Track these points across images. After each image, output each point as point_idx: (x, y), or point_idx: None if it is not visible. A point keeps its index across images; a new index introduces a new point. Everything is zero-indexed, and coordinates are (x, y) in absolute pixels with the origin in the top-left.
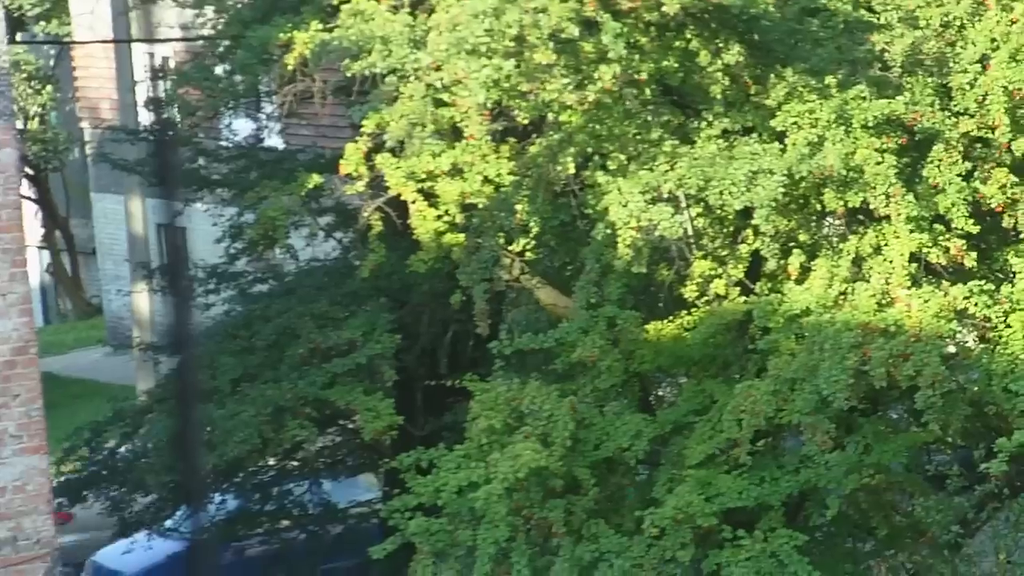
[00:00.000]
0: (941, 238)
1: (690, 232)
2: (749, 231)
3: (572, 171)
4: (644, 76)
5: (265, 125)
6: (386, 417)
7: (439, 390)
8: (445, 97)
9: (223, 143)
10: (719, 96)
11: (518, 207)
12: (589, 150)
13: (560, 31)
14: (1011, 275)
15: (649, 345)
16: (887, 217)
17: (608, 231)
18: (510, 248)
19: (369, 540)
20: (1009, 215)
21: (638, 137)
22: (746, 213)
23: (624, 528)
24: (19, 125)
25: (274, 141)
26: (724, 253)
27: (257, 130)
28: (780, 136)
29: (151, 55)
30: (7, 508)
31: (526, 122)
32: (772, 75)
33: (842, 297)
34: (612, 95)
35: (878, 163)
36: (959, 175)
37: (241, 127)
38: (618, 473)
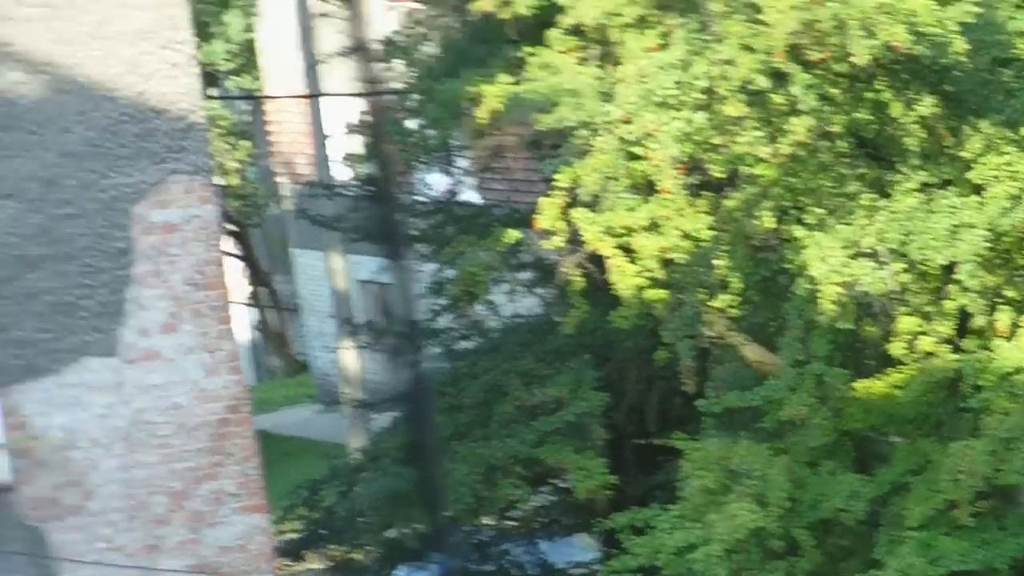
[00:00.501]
0: None
1: (894, 287)
2: (953, 286)
3: (769, 225)
4: (837, 128)
5: (459, 179)
6: (598, 476)
7: (649, 448)
8: (637, 150)
9: (419, 198)
10: (915, 148)
11: (717, 262)
12: (786, 203)
13: (749, 83)
14: None
15: (858, 403)
16: None
17: (809, 286)
18: (712, 304)
19: None
20: None
21: (834, 190)
22: (949, 268)
23: None
24: (218, 181)
25: (469, 195)
26: (930, 309)
27: (452, 184)
28: (978, 189)
29: (345, 109)
30: (229, 567)
31: (720, 176)
32: (966, 127)
33: None
34: (806, 148)
35: None
36: None
37: (436, 181)
38: (835, 534)
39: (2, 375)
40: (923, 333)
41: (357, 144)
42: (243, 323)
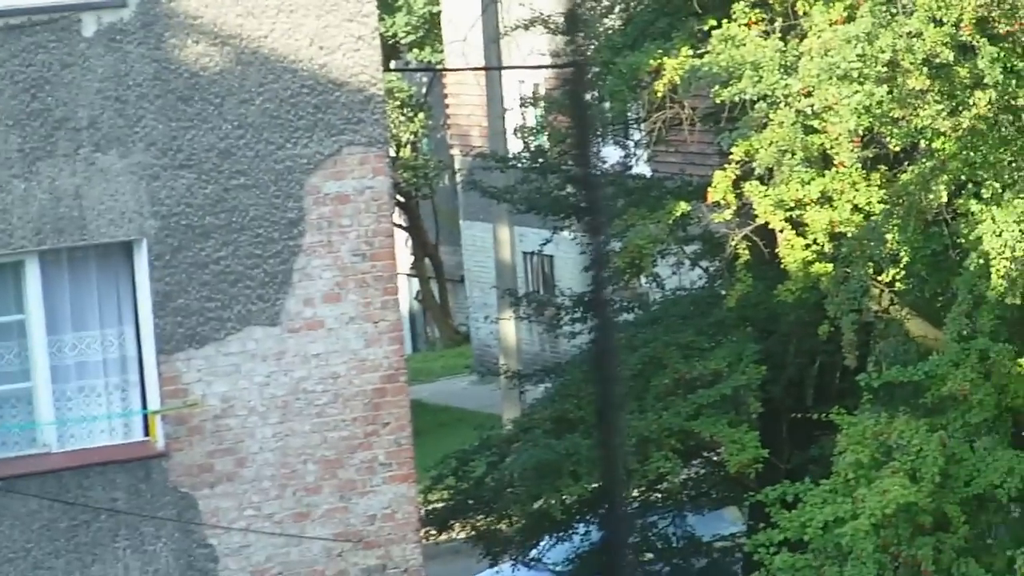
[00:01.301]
0: None
1: None
2: None
3: (944, 199)
4: (1021, 102)
5: (633, 152)
6: (751, 450)
7: (805, 423)
8: (815, 124)
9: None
10: None
11: (888, 236)
12: (963, 178)
13: (935, 56)
14: None
15: (1023, 380)
16: None
17: (981, 261)
18: (879, 278)
19: (733, 575)
20: None
21: (1013, 164)
22: None
23: (995, 568)
24: (391, 152)
25: (641, 168)
26: None
27: (625, 157)
28: None
29: (521, 82)
30: (376, 536)
31: (897, 149)
32: None
33: None
34: (987, 121)
35: None
36: None
37: (609, 154)
38: (989, 511)
39: (164, 343)
40: None
41: (533, 117)
42: (404, 294)
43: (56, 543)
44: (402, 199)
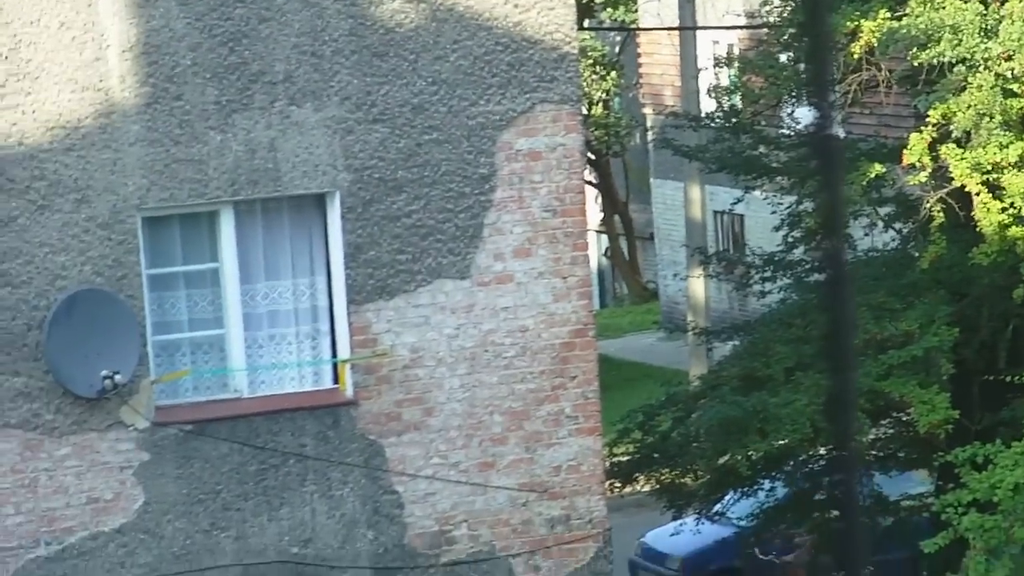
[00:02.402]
0: None
1: None
2: None
3: None
4: None
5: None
6: (941, 411)
7: (997, 385)
8: (1015, 88)
9: (784, 131)
10: None
11: None
12: None
13: None
14: None
15: None
16: None
17: None
18: None
19: (920, 534)
20: None
21: None
22: None
23: None
24: (583, 111)
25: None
26: None
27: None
28: None
29: (716, 42)
30: (561, 487)
31: None
32: None
33: None
34: None
35: None
36: None
37: (803, 116)
38: None
39: (355, 294)
40: None
41: (727, 78)
42: (593, 250)
43: (245, 486)
44: (593, 157)
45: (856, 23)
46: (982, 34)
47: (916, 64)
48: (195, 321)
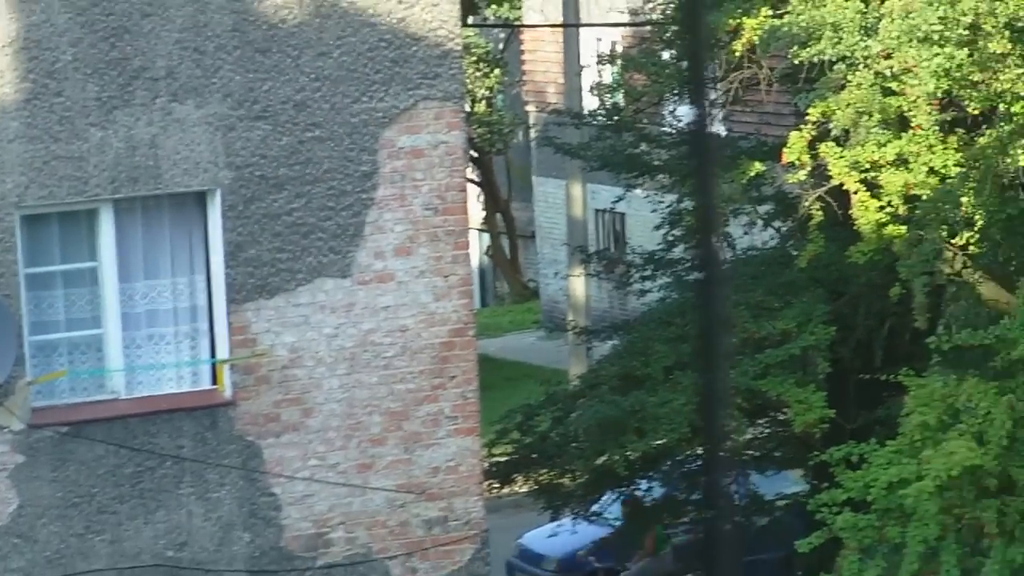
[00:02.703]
0: None
1: None
2: None
3: (1022, 163)
4: None
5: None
6: (817, 410)
7: (872, 384)
8: (894, 86)
9: (666, 129)
10: None
11: (963, 199)
12: None
13: (1017, 20)
14: None
15: None
16: None
17: None
18: (953, 241)
19: (794, 534)
20: None
21: None
22: None
23: None
24: (467, 108)
25: (717, 128)
26: None
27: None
28: None
29: (599, 40)
30: (439, 488)
31: (976, 113)
32: None
33: None
34: None
35: None
36: None
37: (684, 114)
38: None
39: (234, 293)
40: None
41: (610, 75)
42: (474, 249)
43: (121, 488)
44: (476, 154)
45: (738, 21)
46: (862, 32)
47: (797, 62)
48: (73, 321)
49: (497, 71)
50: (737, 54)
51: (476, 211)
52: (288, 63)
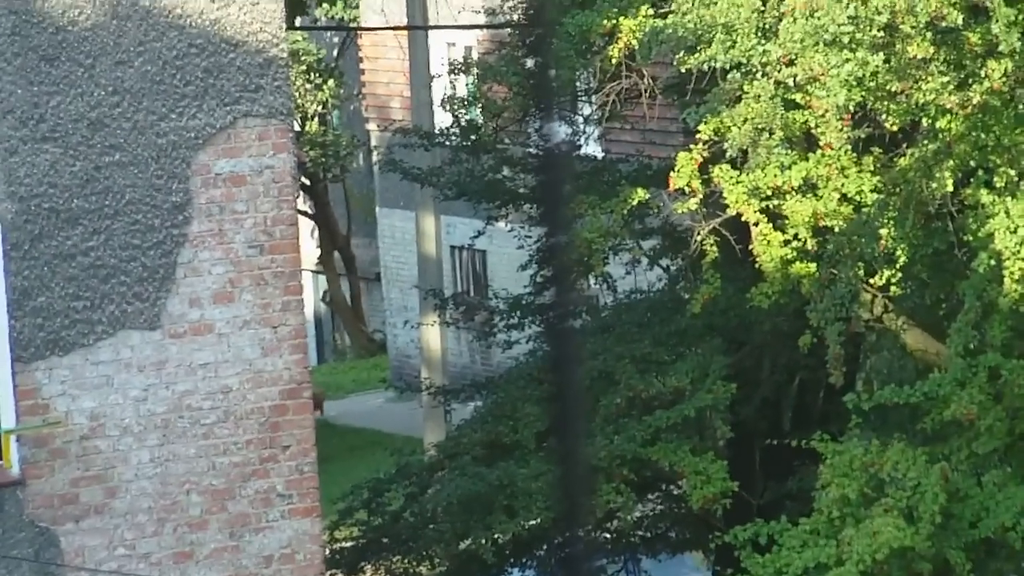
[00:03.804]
0: None
1: None
2: None
3: (950, 189)
4: None
5: (582, 130)
6: (717, 482)
7: (781, 450)
8: (798, 98)
9: (531, 150)
10: None
11: (882, 231)
12: (971, 163)
13: (940, 19)
14: None
15: None
16: None
17: (992, 262)
18: (871, 281)
19: None
20: None
21: None
22: None
23: None
24: (296, 126)
25: (592, 148)
26: None
27: (573, 135)
28: None
29: (451, 45)
30: None
31: (895, 129)
32: None
33: None
34: (1001, 97)
35: None
36: None
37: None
38: (999, 557)
39: (21, 350)
40: None
41: (465, 86)
42: (309, 294)
43: None
44: (308, 182)
45: (614, 22)
46: (759, 35)
47: (684, 70)
48: None
49: (331, 82)
50: (614, 61)
51: (310, 249)
52: (80, 73)
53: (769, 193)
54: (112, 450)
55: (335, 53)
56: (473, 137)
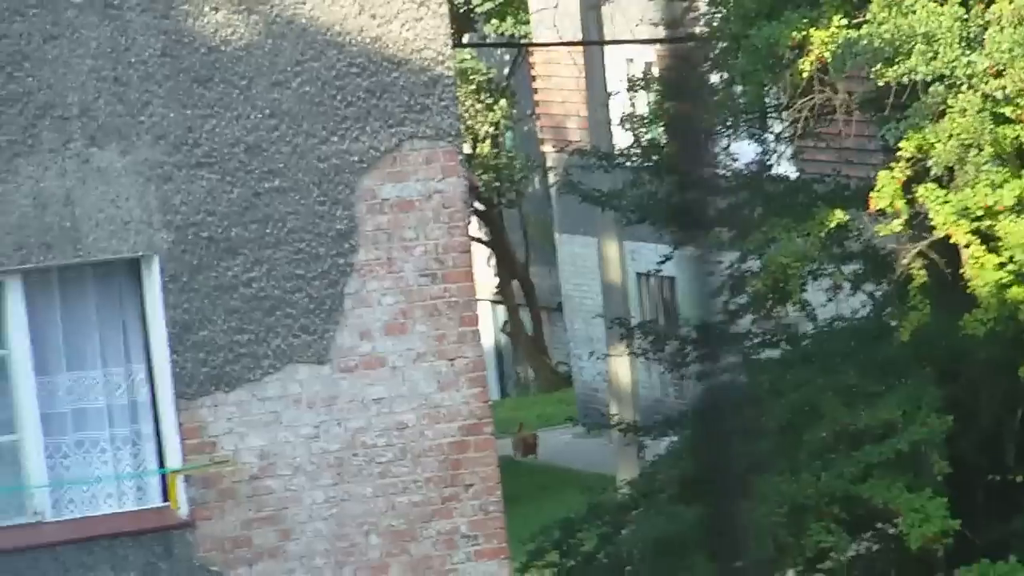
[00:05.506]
0: None
1: None
2: None
3: None
4: None
5: (773, 148)
6: (937, 520)
7: (1005, 486)
8: (1008, 111)
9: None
10: None
11: None
12: None
13: None
14: None
15: None
16: None
17: None
18: None
19: None
20: None
21: None
22: None
23: None
24: (466, 148)
25: (784, 168)
26: None
27: (763, 154)
28: None
29: (630, 60)
30: None
31: None
32: None
33: None
34: None
35: None
36: None
37: (742, 151)
38: None
39: (184, 386)
40: None
41: (645, 104)
42: (489, 325)
43: None
44: (481, 207)
45: (804, 33)
46: (963, 44)
47: (881, 84)
48: None
49: (503, 102)
50: (805, 75)
51: (487, 278)
52: (235, 95)
53: (980, 213)
54: (284, 490)
55: (506, 71)
56: (655, 157)
